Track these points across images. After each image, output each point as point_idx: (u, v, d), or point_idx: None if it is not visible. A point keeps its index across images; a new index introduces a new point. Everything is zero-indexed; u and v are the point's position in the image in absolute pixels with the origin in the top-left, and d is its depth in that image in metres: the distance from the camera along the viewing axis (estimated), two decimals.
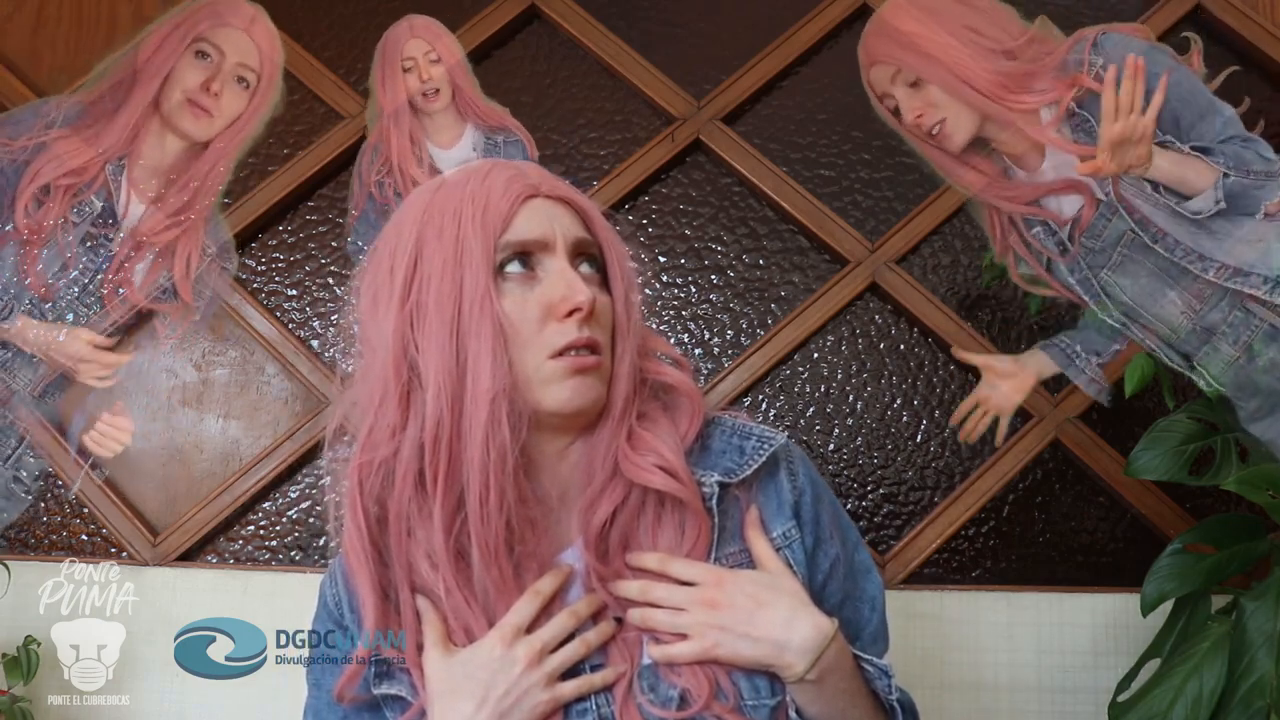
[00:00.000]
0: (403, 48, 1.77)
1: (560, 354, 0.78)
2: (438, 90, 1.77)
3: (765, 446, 0.84)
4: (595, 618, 0.80)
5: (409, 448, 0.78)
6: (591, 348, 0.79)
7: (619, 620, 0.81)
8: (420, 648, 0.80)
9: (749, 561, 0.82)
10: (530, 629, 0.78)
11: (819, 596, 0.83)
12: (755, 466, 0.83)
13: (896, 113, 1.55)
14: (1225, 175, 1.37)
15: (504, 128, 1.78)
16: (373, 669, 0.82)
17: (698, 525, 0.81)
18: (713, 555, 0.81)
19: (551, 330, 0.79)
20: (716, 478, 0.82)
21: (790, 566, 0.82)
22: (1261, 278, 1.38)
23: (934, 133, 1.52)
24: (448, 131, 1.78)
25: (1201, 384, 1.43)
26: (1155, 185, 1.41)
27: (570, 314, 0.78)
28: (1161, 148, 1.39)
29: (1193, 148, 1.39)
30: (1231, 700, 1.26)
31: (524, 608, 0.78)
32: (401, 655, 0.81)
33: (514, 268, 0.80)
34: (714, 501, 0.82)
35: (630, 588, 0.80)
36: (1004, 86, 1.48)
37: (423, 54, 1.77)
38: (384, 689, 0.82)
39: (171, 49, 1.70)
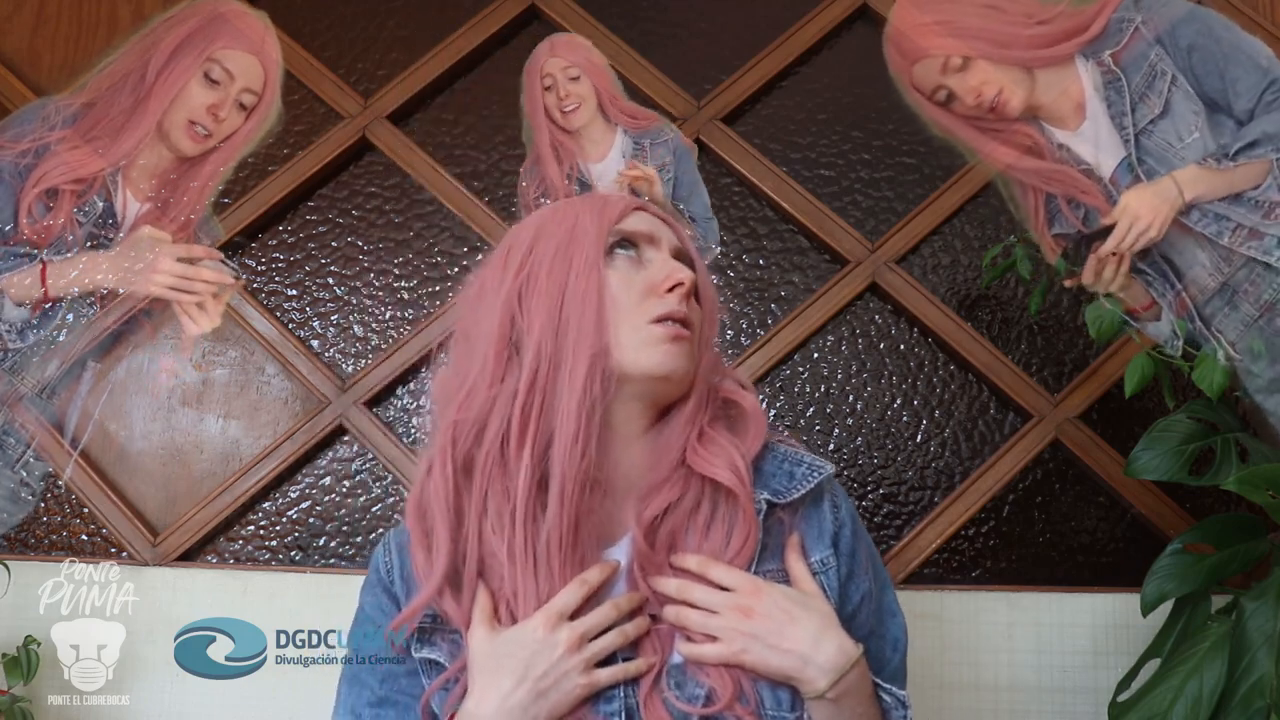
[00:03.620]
0: (542, 66, 1.78)
1: (660, 321, 0.84)
2: (577, 106, 1.77)
3: (815, 474, 0.88)
4: (632, 613, 0.83)
5: (504, 404, 0.83)
6: (686, 324, 0.85)
7: (653, 617, 0.84)
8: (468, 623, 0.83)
9: (785, 581, 0.86)
10: (572, 617, 0.81)
11: (847, 627, 0.86)
12: (803, 492, 0.87)
13: (948, 101, 1.57)
14: (1277, 159, 1.40)
15: (654, 128, 1.78)
16: (415, 636, 0.85)
17: (745, 533, 0.84)
18: (754, 567, 0.85)
19: (653, 302, 0.85)
20: (765, 496, 0.86)
21: (824, 591, 0.85)
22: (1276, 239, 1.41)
23: (995, 106, 1.53)
24: (598, 145, 1.78)
25: (1221, 355, 1.43)
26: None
27: (673, 289, 0.85)
28: (1200, 167, 1.43)
29: (1238, 149, 1.42)
30: (1231, 700, 1.26)
31: (570, 595, 0.81)
32: (405, 654, 0.85)
33: (623, 250, 0.88)
34: (761, 518, 0.86)
35: (669, 584, 0.83)
36: (1044, 41, 1.52)
37: (561, 70, 1.77)
38: (423, 653, 0.85)
39: (184, 68, 1.70)
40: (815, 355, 1.75)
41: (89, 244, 1.70)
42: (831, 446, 1.72)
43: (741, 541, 0.84)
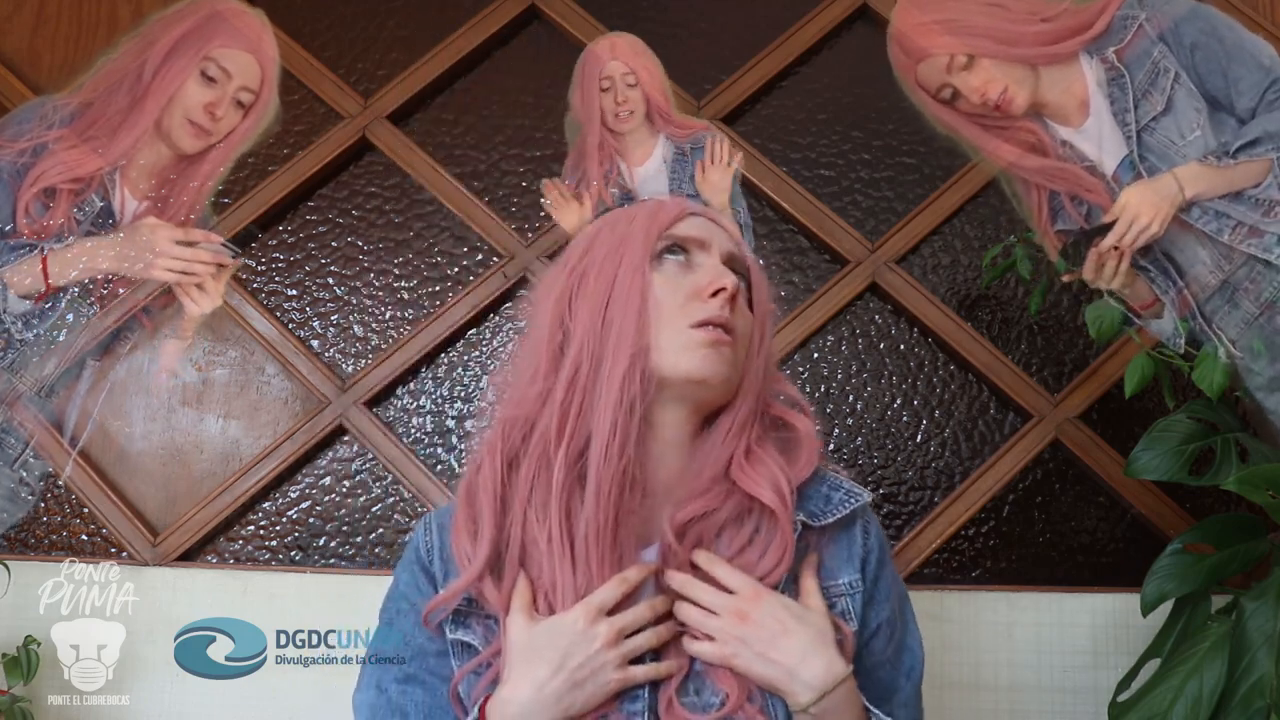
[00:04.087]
0: (602, 68, 1.77)
1: (700, 326, 0.85)
2: (632, 112, 1.76)
3: (851, 501, 0.90)
4: (664, 616, 0.84)
5: (551, 402, 0.86)
6: (728, 329, 0.85)
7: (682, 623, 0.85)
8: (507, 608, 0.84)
9: (796, 598, 0.86)
10: (610, 613, 0.82)
11: (865, 649, 0.88)
12: (838, 516, 0.88)
13: (953, 100, 1.57)
14: (1277, 158, 1.40)
15: (695, 135, 1.77)
16: (450, 618, 0.86)
17: (779, 555, 0.85)
18: (783, 586, 0.85)
19: (695, 306, 0.86)
20: (800, 518, 0.87)
21: (848, 613, 0.87)
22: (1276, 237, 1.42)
23: (1000, 104, 1.54)
24: (640, 148, 1.78)
25: (1222, 353, 1.43)
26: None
27: (716, 294, 0.85)
28: (1201, 164, 1.43)
29: (1238, 148, 1.42)
30: (1231, 700, 1.26)
31: (610, 591, 0.82)
32: (438, 634, 0.86)
33: (673, 255, 0.89)
34: (794, 537, 0.86)
35: (675, 578, 0.84)
36: (1049, 39, 1.52)
37: (620, 75, 1.76)
38: (457, 635, 0.86)
39: (181, 67, 1.70)
40: (815, 355, 1.75)
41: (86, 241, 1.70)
42: (831, 446, 1.72)
43: (775, 563, 0.84)
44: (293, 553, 1.74)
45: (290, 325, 1.80)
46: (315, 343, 1.80)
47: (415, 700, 0.87)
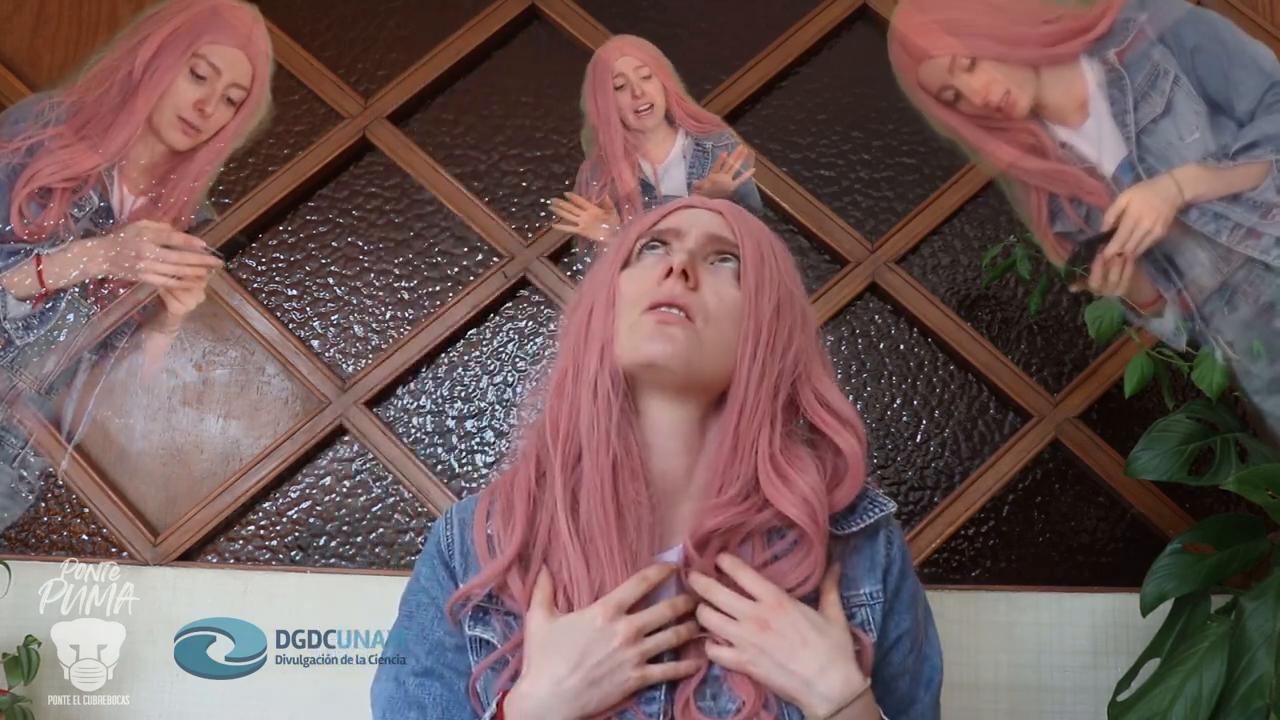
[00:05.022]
0: (613, 66, 1.75)
1: (651, 309, 0.86)
2: (651, 106, 1.74)
3: (876, 510, 0.89)
4: (684, 617, 0.84)
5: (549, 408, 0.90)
6: (684, 310, 0.85)
7: (702, 627, 0.85)
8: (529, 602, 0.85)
9: (816, 607, 0.86)
10: (630, 611, 0.82)
11: (884, 660, 0.88)
12: (861, 526, 0.88)
13: (955, 101, 1.56)
14: (1276, 160, 1.41)
15: (716, 132, 1.76)
16: (470, 614, 0.87)
17: (808, 573, 0.84)
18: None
19: (650, 291, 0.87)
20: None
21: (868, 623, 0.87)
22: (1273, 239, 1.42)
23: (1002, 106, 1.53)
24: (659, 145, 1.76)
25: (1220, 355, 1.43)
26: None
27: (667, 274, 0.86)
28: (1200, 166, 1.43)
29: (1237, 150, 1.42)
30: (1231, 700, 1.26)
31: (630, 589, 0.82)
32: (457, 629, 0.87)
33: (652, 250, 0.92)
34: (825, 556, 0.86)
35: (698, 581, 0.84)
36: (1051, 40, 1.52)
37: (633, 69, 1.74)
38: (476, 631, 0.87)
39: (170, 65, 1.69)
40: None
41: (85, 239, 1.69)
42: None
43: (803, 577, 0.84)
44: (293, 553, 1.74)
45: (290, 325, 1.80)
46: (315, 343, 1.80)
47: (433, 694, 0.87)
